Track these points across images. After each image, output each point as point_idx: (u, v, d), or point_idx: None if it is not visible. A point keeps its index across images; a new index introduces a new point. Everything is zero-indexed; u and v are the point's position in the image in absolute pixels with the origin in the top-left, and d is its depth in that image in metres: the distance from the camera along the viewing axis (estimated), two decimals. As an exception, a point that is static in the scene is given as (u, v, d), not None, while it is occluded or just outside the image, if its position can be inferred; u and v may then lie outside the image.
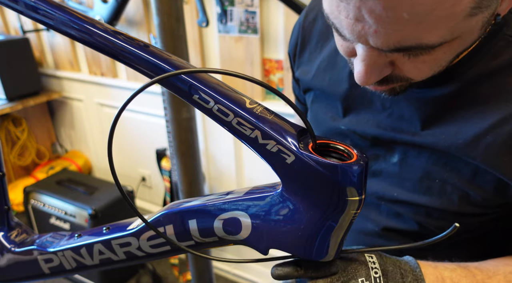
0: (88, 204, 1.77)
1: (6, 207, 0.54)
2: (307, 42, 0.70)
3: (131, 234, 0.43)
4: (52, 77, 2.34)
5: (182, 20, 0.98)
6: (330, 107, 0.66)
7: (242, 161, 1.77)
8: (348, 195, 0.34)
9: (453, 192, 0.54)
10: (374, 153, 0.62)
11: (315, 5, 0.71)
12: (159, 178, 2.10)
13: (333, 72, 0.65)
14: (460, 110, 0.52)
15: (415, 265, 0.45)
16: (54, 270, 0.49)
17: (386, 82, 0.47)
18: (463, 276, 0.48)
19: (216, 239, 0.41)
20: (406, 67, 0.44)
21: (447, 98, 0.53)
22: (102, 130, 2.32)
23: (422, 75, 0.45)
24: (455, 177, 0.53)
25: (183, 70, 0.35)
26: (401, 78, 0.46)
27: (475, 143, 0.50)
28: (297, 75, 0.73)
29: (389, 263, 0.43)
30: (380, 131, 0.59)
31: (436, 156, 0.54)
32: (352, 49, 0.46)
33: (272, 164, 0.36)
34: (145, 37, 1.79)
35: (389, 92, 0.50)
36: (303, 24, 0.71)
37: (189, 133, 1.09)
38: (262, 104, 0.39)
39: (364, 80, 0.44)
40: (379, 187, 0.61)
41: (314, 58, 0.69)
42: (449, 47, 0.41)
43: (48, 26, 0.39)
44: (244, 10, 1.42)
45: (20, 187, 2.17)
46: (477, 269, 0.50)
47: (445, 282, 0.47)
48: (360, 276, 0.40)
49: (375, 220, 0.64)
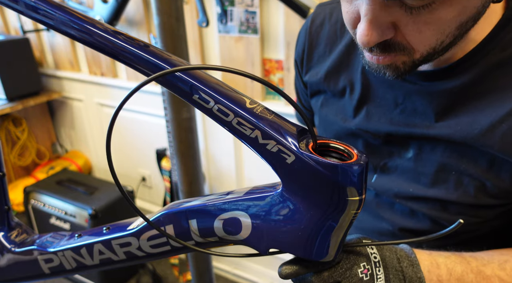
0: (88, 204, 1.77)
1: (6, 207, 0.54)
2: (315, 47, 0.71)
3: (131, 234, 0.43)
4: (52, 77, 2.34)
5: (182, 20, 0.98)
6: (341, 109, 0.67)
7: (242, 161, 1.77)
8: (348, 195, 0.34)
9: (470, 183, 0.55)
10: (388, 150, 0.62)
11: (322, 10, 0.72)
12: (159, 178, 2.10)
13: (346, 72, 0.66)
14: (473, 101, 0.53)
15: (410, 251, 0.47)
16: (54, 270, 0.49)
17: (389, 49, 0.47)
18: (457, 262, 0.50)
19: (216, 239, 0.41)
20: (408, 29, 0.44)
21: (459, 90, 0.54)
22: (102, 130, 2.32)
23: (425, 41, 0.45)
24: (472, 168, 0.54)
25: (179, 68, 0.35)
26: (404, 46, 0.46)
27: (491, 132, 0.51)
28: (306, 79, 0.73)
29: (386, 249, 0.45)
30: (393, 127, 0.60)
31: (452, 148, 0.55)
32: (357, 14, 0.46)
33: (272, 164, 0.36)
34: (145, 37, 1.79)
35: (394, 71, 0.50)
36: (310, 30, 0.72)
37: (189, 133, 1.09)
38: (262, 104, 0.39)
39: (367, 38, 0.44)
40: (394, 184, 0.62)
41: (323, 60, 0.70)
42: (451, 8, 0.41)
43: (48, 26, 0.39)
44: (244, 10, 1.42)
45: (20, 187, 2.17)
46: (471, 257, 0.51)
47: (440, 267, 0.48)
48: (362, 261, 0.42)
49: (389, 219, 0.64)
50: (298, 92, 0.81)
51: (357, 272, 0.41)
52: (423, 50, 0.46)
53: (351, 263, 0.42)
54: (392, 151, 0.62)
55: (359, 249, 0.43)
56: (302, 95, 0.79)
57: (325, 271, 0.41)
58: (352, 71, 0.65)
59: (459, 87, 0.54)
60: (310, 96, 0.74)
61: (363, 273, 0.41)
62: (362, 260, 0.42)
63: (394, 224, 0.64)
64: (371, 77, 0.62)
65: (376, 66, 0.51)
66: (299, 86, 0.79)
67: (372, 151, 0.64)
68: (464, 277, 0.48)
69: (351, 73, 0.65)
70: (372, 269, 0.42)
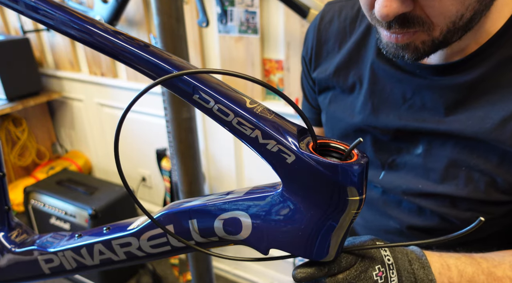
0: (88, 204, 1.77)
1: (7, 207, 0.54)
2: (324, 43, 0.71)
3: (132, 234, 0.43)
4: (52, 77, 2.34)
5: (182, 20, 0.98)
6: (349, 105, 0.67)
7: (242, 161, 1.77)
8: (348, 195, 0.34)
9: (480, 179, 0.55)
10: (397, 146, 0.62)
11: (331, 8, 0.72)
12: (159, 178, 2.10)
13: (355, 68, 0.66)
14: (484, 96, 0.53)
15: (420, 253, 0.46)
16: (55, 270, 0.49)
17: (408, 25, 0.47)
18: (468, 263, 0.49)
19: (217, 239, 0.41)
20: (428, 1, 0.44)
21: (471, 84, 0.54)
22: (102, 130, 2.32)
23: (444, 13, 0.45)
24: (483, 164, 0.54)
25: (186, 71, 0.35)
26: (423, 21, 0.46)
27: (503, 127, 0.51)
28: (315, 75, 0.73)
29: (398, 251, 0.45)
30: (402, 122, 0.59)
31: (462, 144, 0.55)
32: None
33: (272, 164, 0.36)
34: (145, 37, 1.79)
35: (413, 52, 0.50)
36: (319, 27, 0.72)
37: (189, 133, 1.09)
38: (263, 104, 0.39)
39: (386, 9, 0.44)
40: (402, 180, 0.61)
41: (332, 57, 0.70)
42: None
43: (48, 26, 0.39)
44: (244, 10, 1.42)
45: (20, 187, 2.17)
46: (482, 258, 0.51)
47: (451, 269, 0.48)
48: (377, 263, 0.42)
49: (397, 217, 0.64)
50: (305, 90, 0.81)
51: (372, 274, 0.41)
52: (443, 25, 0.46)
53: (366, 265, 0.42)
54: (401, 147, 0.61)
55: (374, 251, 0.43)
56: (308, 92, 0.79)
57: (340, 273, 0.40)
58: (361, 67, 0.65)
59: (471, 81, 0.53)
60: (318, 93, 0.74)
61: (377, 275, 0.41)
62: (377, 263, 0.42)
63: (401, 222, 0.63)
64: (380, 72, 0.62)
65: (394, 48, 0.50)
66: (306, 84, 0.79)
67: (380, 147, 0.64)
68: (475, 279, 0.48)
69: (360, 70, 0.65)
70: (386, 272, 0.42)
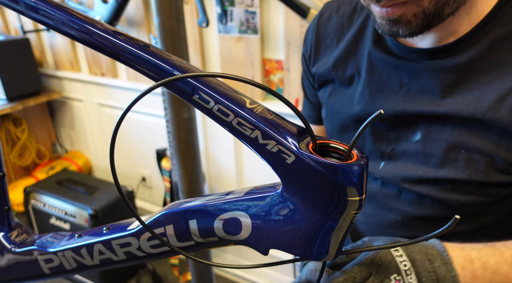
0: (88, 204, 1.77)
1: (7, 207, 0.54)
2: (323, 39, 0.73)
3: (131, 234, 0.43)
4: (52, 77, 2.34)
5: (182, 20, 0.98)
6: (348, 97, 0.68)
7: (242, 161, 1.77)
8: (348, 195, 0.34)
9: (480, 160, 0.55)
10: (396, 134, 0.62)
11: (329, 6, 0.74)
12: (159, 178, 2.10)
13: (354, 60, 0.67)
14: (480, 76, 0.53)
15: (442, 248, 0.45)
16: (55, 270, 0.49)
17: None
18: (490, 254, 0.49)
19: (216, 239, 0.41)
20: None
21: (466, 65, 0.54)
22: (102, 130, 2.32)
23: None
24: (481, 144, 0.54)
25: (189, 74, 0.35)
26: None
27: (499, 105, 0.51)
28: (314, 70, 0.74)
29: (416, 252, 0.44)
30: (400, 107, 0.60)
31: (460, 126, 0.55)
32: None
33: (272, 164, 0.36)
34: (145, 37, 1.79)
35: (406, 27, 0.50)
36: (318, 24, 0.74)
37: (189, 133, 1.09)
38: (263, 104, 0.39)
39: None
40: (402, 169, 0.62)
41: (331, 51, 0.71)
42: None
43: (48, 26, 0.39)
44: (244, 10, 1.42)
45: (20, 187, 2.17)
46: (504, 246, 0.50)
47: (474, 262, 0.47)
48: (392, 273, 0.41)
49: (397, 209, 0.64)
50: (305, 89, 0.82)
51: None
52: None
53: (381, 277, 0.41)
54: (399, 136, 0.62)
55: (389, 260, 0.42)
56: (309, 90, 0.80)
57: None
58: (359, 59, 0.66)
59: (466, 62, 0.54)
60: (318, 87, 0.75)
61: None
62: (391, 272, 0.42)
63: (401, 213, 0.63)
64: (377, 61, 0.63)
65: (388, 24, 0.51)
66: (306, 82, 0.80)
67: (379, 137, 0.64)
68: (498, 269, 0.48)
69: (358, 61, 0.66)
70: (403, 279, 0.41)
